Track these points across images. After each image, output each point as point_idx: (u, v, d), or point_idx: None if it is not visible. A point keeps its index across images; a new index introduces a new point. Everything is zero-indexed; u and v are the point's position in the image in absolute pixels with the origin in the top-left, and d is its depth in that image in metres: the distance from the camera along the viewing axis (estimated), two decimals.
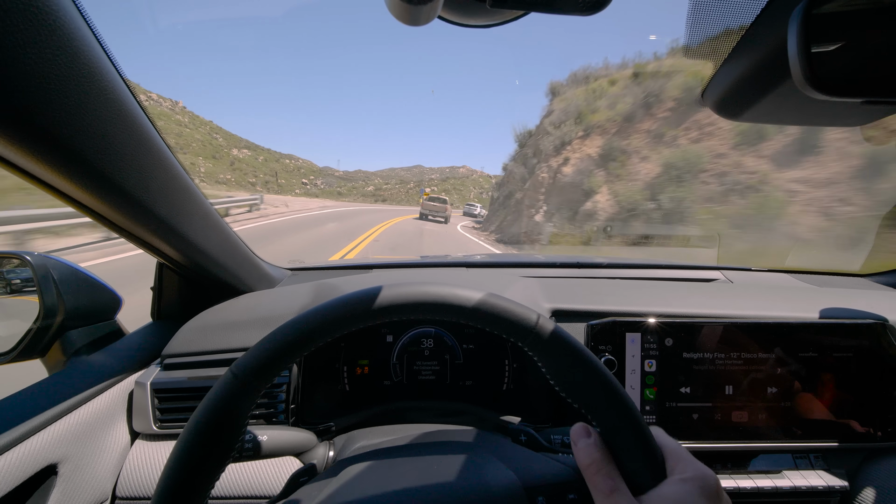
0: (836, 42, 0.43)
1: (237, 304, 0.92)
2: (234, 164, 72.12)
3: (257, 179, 71.85)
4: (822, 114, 0.58)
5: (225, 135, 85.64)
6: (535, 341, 0.37)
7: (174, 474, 0.36)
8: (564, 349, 0.37)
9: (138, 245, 0.72)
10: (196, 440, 0.36)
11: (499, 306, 0.37)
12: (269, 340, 0.37)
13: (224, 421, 0.37)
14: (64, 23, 0.41)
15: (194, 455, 0.36)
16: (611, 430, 0.36)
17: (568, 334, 0.38)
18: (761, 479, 0.69)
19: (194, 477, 0.36)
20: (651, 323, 0.72)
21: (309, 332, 0.37)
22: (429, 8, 0.34)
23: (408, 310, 0.38)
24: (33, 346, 0.73)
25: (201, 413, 0.37)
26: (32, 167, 0.48)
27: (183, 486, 0.36)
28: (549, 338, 0.37)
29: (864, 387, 0.71)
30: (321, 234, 11.43)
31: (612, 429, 0.36)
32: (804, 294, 0.94)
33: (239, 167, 73.14)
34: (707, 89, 0.62)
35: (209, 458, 0.37)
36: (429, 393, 0.86)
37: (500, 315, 0.37)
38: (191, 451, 0.36)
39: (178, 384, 0.76)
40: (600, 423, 0.37)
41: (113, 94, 0.49)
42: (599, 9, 0.34)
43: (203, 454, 0.36)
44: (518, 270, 1.17)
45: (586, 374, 0.37)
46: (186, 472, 0.36)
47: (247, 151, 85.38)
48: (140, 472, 0.71)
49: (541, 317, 0.38)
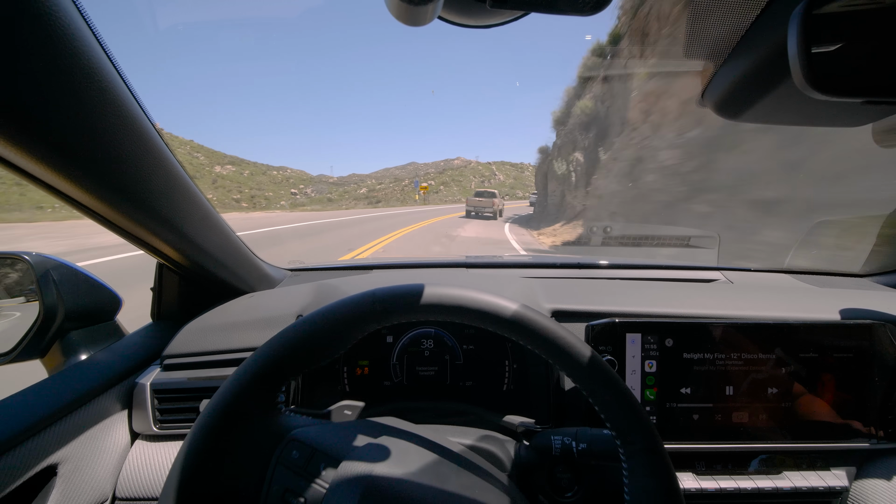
0: (836, 42, 0.43)
1: (237, 304, 0.92)
2: (216, 181, 69.08)
3: (242, 195, 69.73)
4: (822, 114, 0.58)
5: (207, 152, 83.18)
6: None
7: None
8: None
9: (138, 245, 0.72)
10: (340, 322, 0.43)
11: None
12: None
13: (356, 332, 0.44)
14: (64, 23, 0.41)
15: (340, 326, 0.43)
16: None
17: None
18: (761, 479, 0.69)
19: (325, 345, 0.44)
20: (651, 323, 0.72)
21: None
22: (429, 8, 0.34)
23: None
24: (33, 346, 0.73)
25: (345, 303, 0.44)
26: (32, 167, 0.48)
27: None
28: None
29: (865, 387, 0.71)
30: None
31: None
32: (804, 294, 0.94)
33: (222, 184, 70.64)
34: (707, 89, 0.62)
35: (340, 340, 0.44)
36: (429, 393, 0.86)
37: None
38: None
39: (178, 385, 0.76)
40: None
41: (113, 94, 0.49)
42: (600, 9, 0.34)
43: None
44: (518, 271, 1.17)
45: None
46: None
47: (231, 167, 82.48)
48: (140, 472, 0.71)
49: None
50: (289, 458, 0.43)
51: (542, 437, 0.60)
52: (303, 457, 0.43)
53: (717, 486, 0.68)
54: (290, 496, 0.41)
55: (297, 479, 0.42)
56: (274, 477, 0.42)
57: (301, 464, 0.42)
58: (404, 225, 14.82)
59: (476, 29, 0.43)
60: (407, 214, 24.17)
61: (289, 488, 0.41)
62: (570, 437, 0.58)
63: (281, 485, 0.42)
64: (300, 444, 0.43)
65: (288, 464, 0.42)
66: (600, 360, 0.42)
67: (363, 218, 20.46)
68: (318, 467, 0.42)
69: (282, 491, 0.41)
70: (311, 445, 0.43)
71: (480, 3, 0.36)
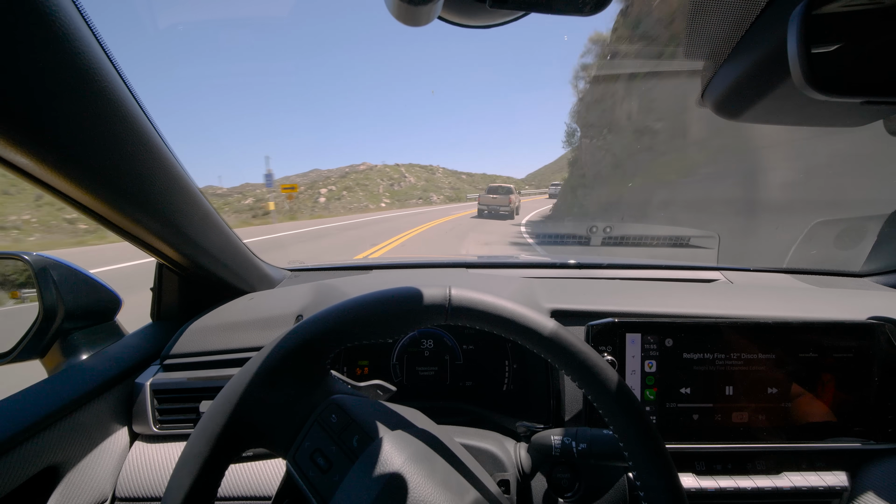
0: (835, 42, 0.43)
1: (237, 304, 0.92)
2: (40, 198, 54.39)
3: (80, 217, 57.48)
4: (822, 114, 0.58)
5: None
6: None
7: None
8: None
9: (138, 245, 0.72)
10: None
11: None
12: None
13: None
14: (64, 23, 0.41)
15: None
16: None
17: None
18: (761, 479, 0.69)
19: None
20: (651, 323, 0.72)
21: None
22: (429, 8, 0.34)
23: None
24: (33, 346, 0.73)
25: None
26: (32, 168, 0.48)
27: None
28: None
29: (864, 387, 0.71)
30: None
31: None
32: (804, 294, 0.94)
33: (50, 200, 59.52)
34: (707, 89, 0.62)
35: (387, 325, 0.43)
36: (429, 394, 0.86)
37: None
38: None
39: (177, 385, 0.76)
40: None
41: (112, 94, 0.49)
42: (600, 9, 0.34)
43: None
44: (518, 271, 1.17)
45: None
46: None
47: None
48: (140, 472, 0.71)
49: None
50: (327, 421, 0.43)
51: (542, 437, 0.60)
52: (340, 423, 0.43)
53: (717, 486, 0.68)
54: (318, 456, 0.42)
55: (329, 442, 0.42)
56: (309, 433, 0.43)
57: (337, 429, 0.43)
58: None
59: (476, 29, 0.43)
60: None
61: (319, 448, 0.42)
62: (570, 437, 0.58)
63: (313, 442, 0.42)
64: (341, 411, 0.44)
65: (325, 425, 0.43)
66: (624, 385, 0.42)
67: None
68: (351, 438, 0.42)
69: (313, 448, 0.42)
70: (351, 416, 0.44)
71: (480, 2, 0.36)
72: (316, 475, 0.41)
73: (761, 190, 6.30)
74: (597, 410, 0.42)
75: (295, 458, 0.42)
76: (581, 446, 0.57)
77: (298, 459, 0.42)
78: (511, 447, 0.64)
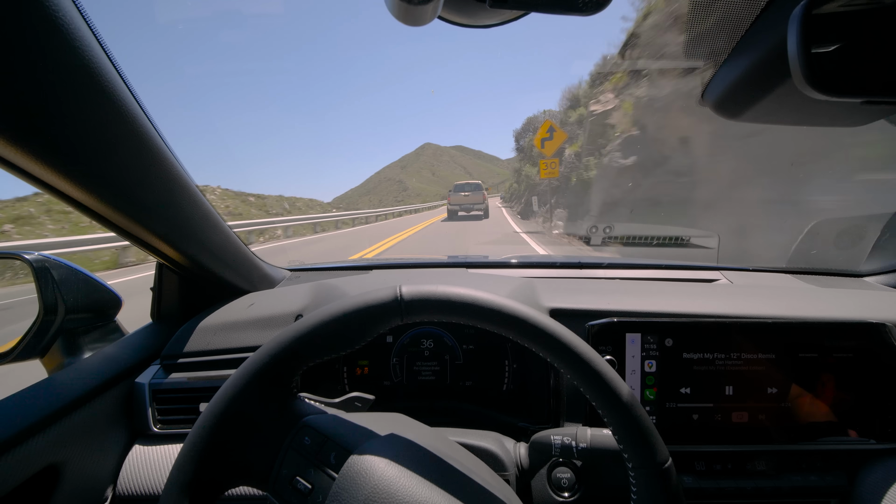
0: (835, 42, 0.43)
1: (237, 304, 0.92)
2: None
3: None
4: (822, 114, 0.59)
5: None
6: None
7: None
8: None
9: (138, 245, 0.72)
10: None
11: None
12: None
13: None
14: (64, 23, 0.41)
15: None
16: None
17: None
18: (761, 479, 0.69)
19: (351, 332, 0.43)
20: (651, 323, 0.72)
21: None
22: (429, 8, 0.34)
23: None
24: (33, 346, 0.73)
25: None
26: (32, 168, 0.48)
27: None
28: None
29: (864, 387, 0.71)
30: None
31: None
32: (804, 294, 0.94)
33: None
34: (707, 89, 0.62)
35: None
36: (428, 393, 0.86)
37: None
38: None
39: (177, 385, 0.76)
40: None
41: (112, 94, 0.49)
42: (600, 9, 0.34)
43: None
44: (518, 271, 1.17)
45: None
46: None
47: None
48: (139, 472, 0.71)
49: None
50: (301, 444, 0.43)
51: (542, 437, 0.60)
52: (315, 444, 0.43)
53: (717, 486, 0.68)
54: (297, 482, 0.41)
55: (306, 465, 0.42)
56: (285, 460, 0.42)
57: (312, 451, 0.42)
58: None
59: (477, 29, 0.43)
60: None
61: (298, 473, 0.42)
62: (570, 436, 0.58)
63: (291, 469, 0.42)
64: (313, 431, 0.43)
65: (299, 449, 0.43)
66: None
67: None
68: (328, 456, 0.42)
69: (291, 475, 0.42)
70: (324, 434, 0.43)
71: (480, 2, 0.36)
72: (299, 501, 0.40)
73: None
74: (590, 403, 0.43)
75: (275, 488, 0.42)
76: (581, 446, 0.57)
77: (279, 489, 0.42)
78: (511, 446, 0.64)
